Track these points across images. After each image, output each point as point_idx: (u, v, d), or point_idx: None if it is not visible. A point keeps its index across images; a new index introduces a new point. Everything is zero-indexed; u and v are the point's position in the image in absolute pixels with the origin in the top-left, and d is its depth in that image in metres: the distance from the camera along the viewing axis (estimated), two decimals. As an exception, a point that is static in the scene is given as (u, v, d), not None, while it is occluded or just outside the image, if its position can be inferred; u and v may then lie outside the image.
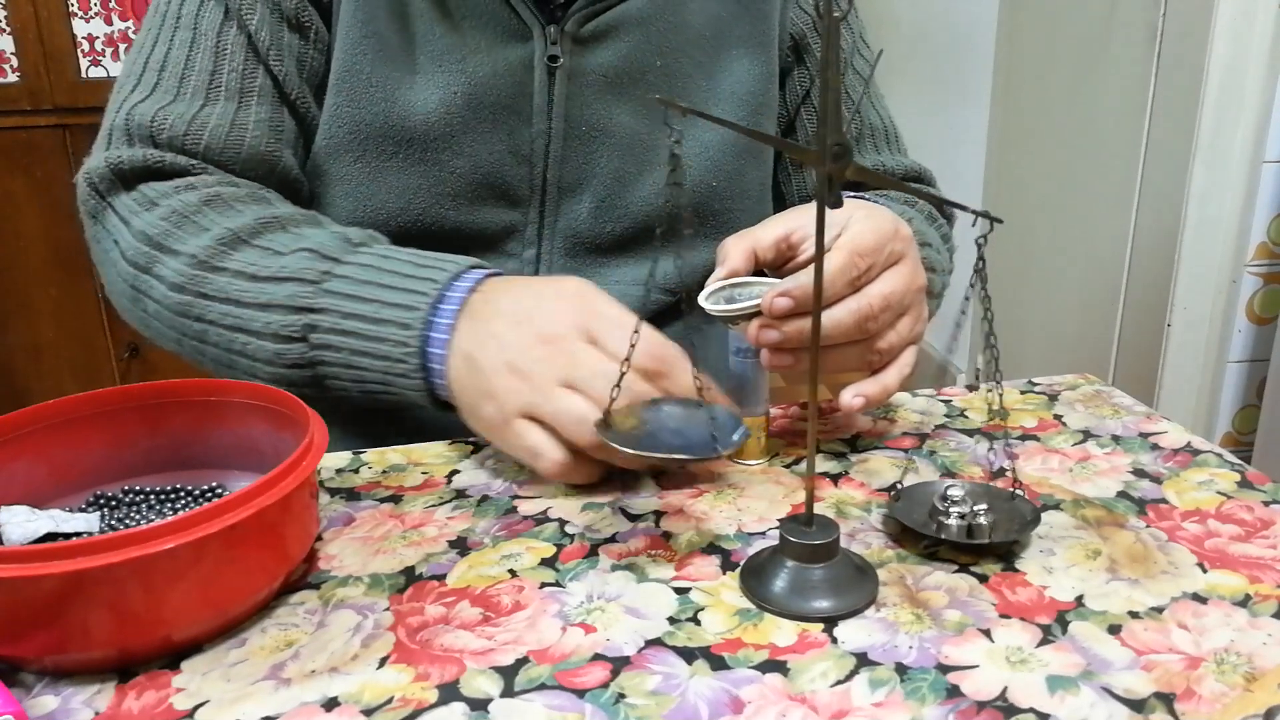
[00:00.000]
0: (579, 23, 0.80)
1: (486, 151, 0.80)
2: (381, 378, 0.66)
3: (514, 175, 0.81)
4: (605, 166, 0.83)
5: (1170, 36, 1.80)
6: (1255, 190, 1.74)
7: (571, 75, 0.80)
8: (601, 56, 0.81)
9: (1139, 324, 1.94)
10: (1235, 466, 0.68)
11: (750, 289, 0.66)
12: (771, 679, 0.48)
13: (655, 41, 0.82)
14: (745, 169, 0.87)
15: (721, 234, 0.86)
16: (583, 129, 0.82)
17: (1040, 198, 2.26)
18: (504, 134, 0.80)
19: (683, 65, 0.83)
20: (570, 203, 0.83)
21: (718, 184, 0.85)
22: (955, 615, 0.52)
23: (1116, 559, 0.57)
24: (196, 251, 0.70)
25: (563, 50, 0.80)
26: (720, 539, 0.60)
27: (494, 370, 0.63)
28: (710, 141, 0.84)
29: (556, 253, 0.84)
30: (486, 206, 0.82)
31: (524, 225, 0.83)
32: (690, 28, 0.83)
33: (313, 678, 0.49)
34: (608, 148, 0.82)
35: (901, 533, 0.60)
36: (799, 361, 0.64)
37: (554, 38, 0.79)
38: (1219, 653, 0.49)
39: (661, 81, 0.82)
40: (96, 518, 0.58)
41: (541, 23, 0.79)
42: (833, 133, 0.48)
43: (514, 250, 0.83)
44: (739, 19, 0.85)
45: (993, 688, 0.47)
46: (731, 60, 0.85)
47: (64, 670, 0.49)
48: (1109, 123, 1.98)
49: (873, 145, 0.94)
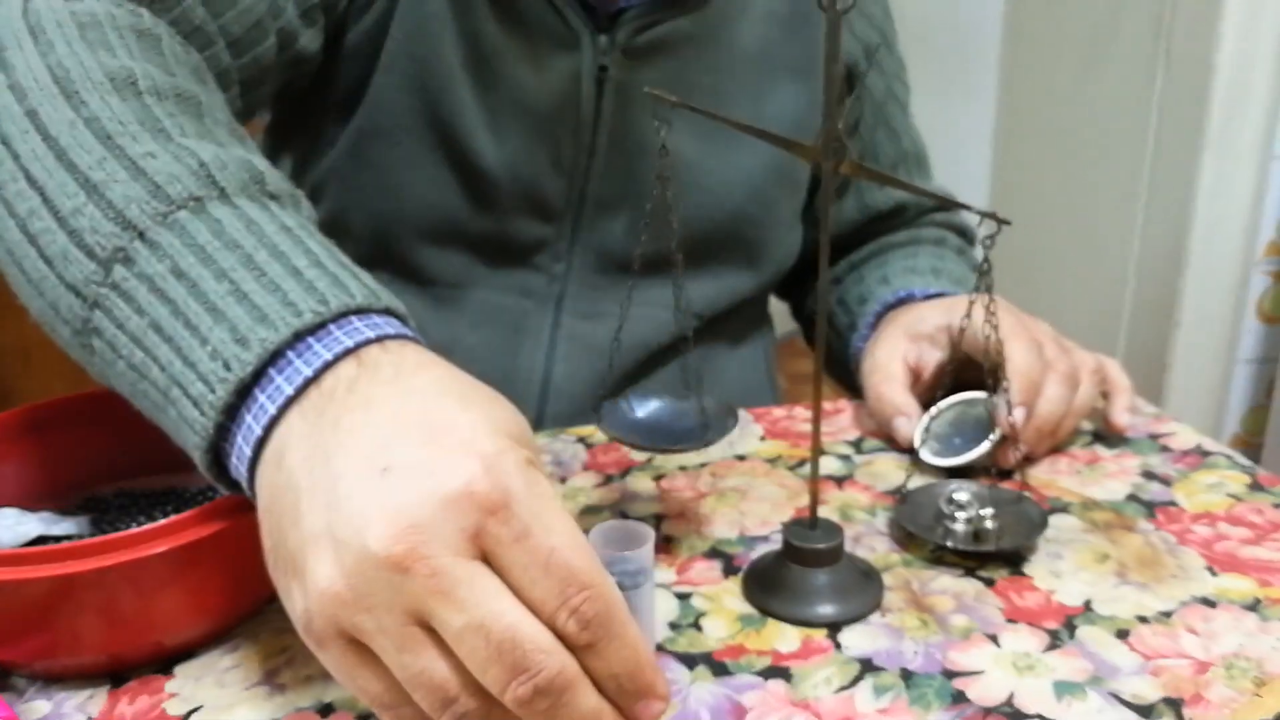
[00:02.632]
0: (630, 34, 0.76)
1: (526, 160, 0.77)
2: (162, 391, 0.44)
3: (551, 187, 0.79)
4: (646, 184, 0.80)
5: (1177, 31, 1.78)
6: (1264, 187, 1.73)
7: (620, 89, 0.78)
8: (650, 72, 0.78)
9: (1147, 323, 1.93)
10: (1246, 468, 0.67)
11: (948, 431, 0.70)
12: (774, 685, 0.47)
13: (704, 60, 0.79)
14: (782, 197, 0.85)
15: (754, 261, 0.86)
16: (627, 145, 0.79)
17: (1046, 196, 2.25)
18: (548, 144, 0.78)
19: (729, 87, 0.81)
20: (605, 219, 0.81)
21: (755, 211, 0.83)
22: (961, 620, 0.52)
23: (1125, 563, 0.56)
24: (70, 65, 0.52)
25: (612, 62, 0.77)
26: (722, 543, 0.59)
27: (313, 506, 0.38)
28: (753, 168, 0.82)
29: (586, 269, 0.81)
30: (520, 217, 0.79)
31: (555, 239, 0.80)
32: (739, 48, 0.81)
33: (307, 683, 0.48)
34: (649, 165, 0.80)
35: (907, 536, 0.59)
36: None
37: (604, 48, 0.77)
38: (1228, 658, 0.49)
39: (709, 101, 0.80)
40: (87, 521, 0.57)
41: (590, 31, 0.76)
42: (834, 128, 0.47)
43: (542, 264, 0.81)
44: (787, 43, 0.83)
45: (999, 693, 0.46)
46: (777, 85, 0.83)
47: (56, 675, 0.49)
48: (1116, 120, 1.97)
49: (905, 171, 0.93)
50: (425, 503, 0.36)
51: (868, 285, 0.85)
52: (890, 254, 0.90)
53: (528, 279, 0.81)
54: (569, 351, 0.80)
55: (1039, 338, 0.69)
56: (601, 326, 0.81)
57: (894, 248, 0.91)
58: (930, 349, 0.73)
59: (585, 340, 0.81)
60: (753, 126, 0.51)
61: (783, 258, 0.89)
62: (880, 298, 0.81)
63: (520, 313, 0.80)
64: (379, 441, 0.38)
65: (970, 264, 0.92)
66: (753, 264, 0.86)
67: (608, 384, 0.58)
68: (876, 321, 0.79)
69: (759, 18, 0.81)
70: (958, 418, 0.69)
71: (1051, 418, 0.67)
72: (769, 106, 0.83)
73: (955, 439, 0.68)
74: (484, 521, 0.36)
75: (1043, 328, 0.72)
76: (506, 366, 0.80)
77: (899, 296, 0.79)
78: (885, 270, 0.86)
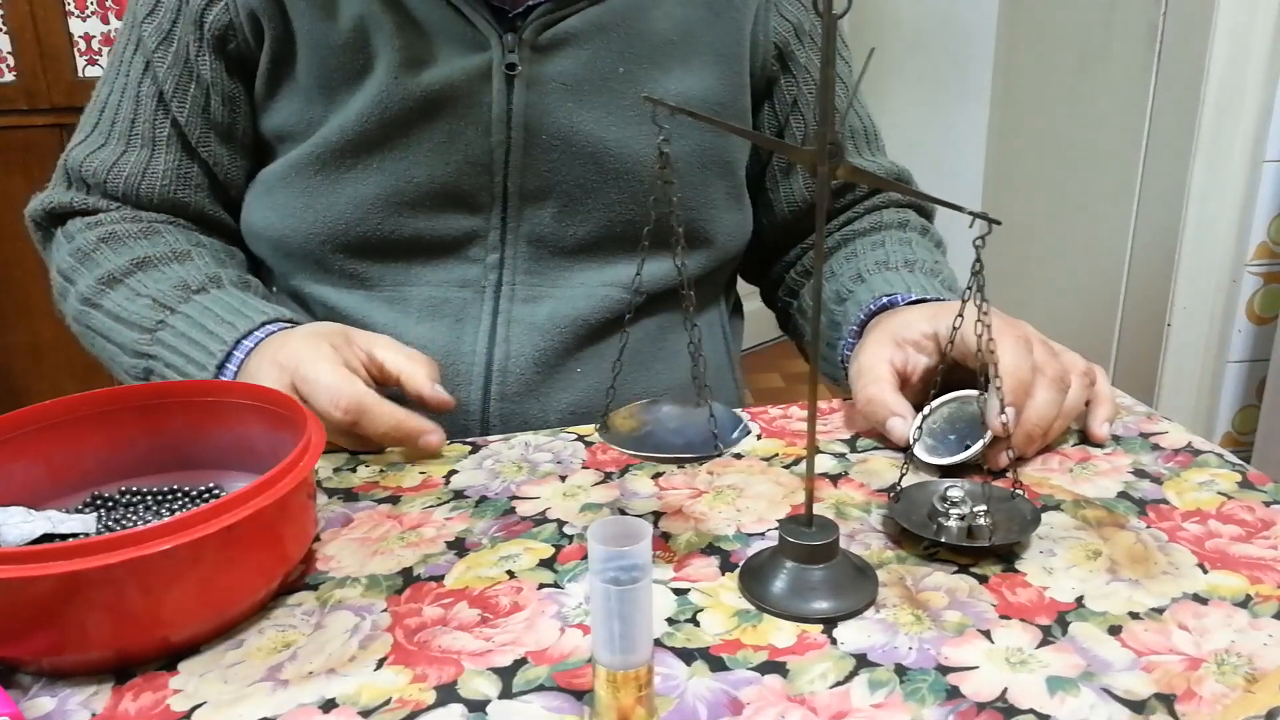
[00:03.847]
0: (537, 30, 0.79)
1: (443, 162, 0.80)
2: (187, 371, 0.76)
3: (473, 184, 0.82)
4: (568, 173, 0.82)
5: (1170, 36, 1.79)
6: (1255, 190, 1.74)
7: (530, 83, 0.80)
8: (561, 64, 0.80)
9: (1139, 324, 1.93)
10: (1236, 467, 0.68)
11: (940, 428, 0.70)
12: (771, 680, 0.48)
13: (617, 48, 0.81)
14: (710, 179, 0.87)
15: (691, 241, 0.87)
16: (543, 137, 0.81)
17: (1040, 198, 2.26)
18: (462, 144, 0.80)
19: (647, 71, 0.82)
20: (533, 209, 0.83)
21: (682, 195, 0.85)
22: (955, 616, 0.52)
23: (1117, 560, 0.57)
24: (84, 290, 0.83)
25: (521, 58, 0.79)
26: (719, 540, 0.60)
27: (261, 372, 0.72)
28: (674, 153, 0.83)
29: (521, 256, 0.84)
30: (447, 214, 0.82)
31: (486, 231, 0.83)
32: (656, 34, 0.82)
33: (310, 679, 0.48)
34: (570, 155, 0.82)
35: (901, 533, 0.60)
36: None
37: (511, 45, 0.79)
38: (1219, 654, 0.49)
39: (625, 88, 0.82)
40: (93, 518, 0.58)
41: (499, 32, 0.79)
42: (830, 131, 0.48)
43: (476, 256, 0.83)
44: (709, 26, 0.84)
45: (993, 689, 0.47)
46: (697, 67, 0.84)
47: (61, 671, 0.49)
48: (1109, 122, 1.98)
49: (853, 146, 0.94)
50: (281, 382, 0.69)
51: (842, 282, 0.86)
52: (858, 245, 0.90)
53: (465, 271, 0.84)
54: (510, 334, 0.83)
55: (1028, 338, 0.70)
56: (541, 308, 0.84)
57: (859, 236, 0.92)
58: (916, 354, 0.73)
59: (525, 322, 0.84)
60: (745, 129, 0.52)
61: (725, 240, 0.90)
62: (860, 300, 0.82)
63: (461, 303, 0.84)
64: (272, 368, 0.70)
65: (935, 242, 0.93)
66: (690, 245, 0.86)
67: (609, 402, 0.58)
68: (861, 329, 0.80)
69: (676, 1, 0.83)
70: (952, 414, 0.70)
71: (1042, 422, 0.67)
72: (690, 89, 0.84)
73: (950, 435, 0.69)
74: None
75: (1030, 330, 0.72)
76: (451, 353, 0.83)
77: (881, 303, 0.80)
78: (858, 265, 0.86)
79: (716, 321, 0.95)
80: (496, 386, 0.82)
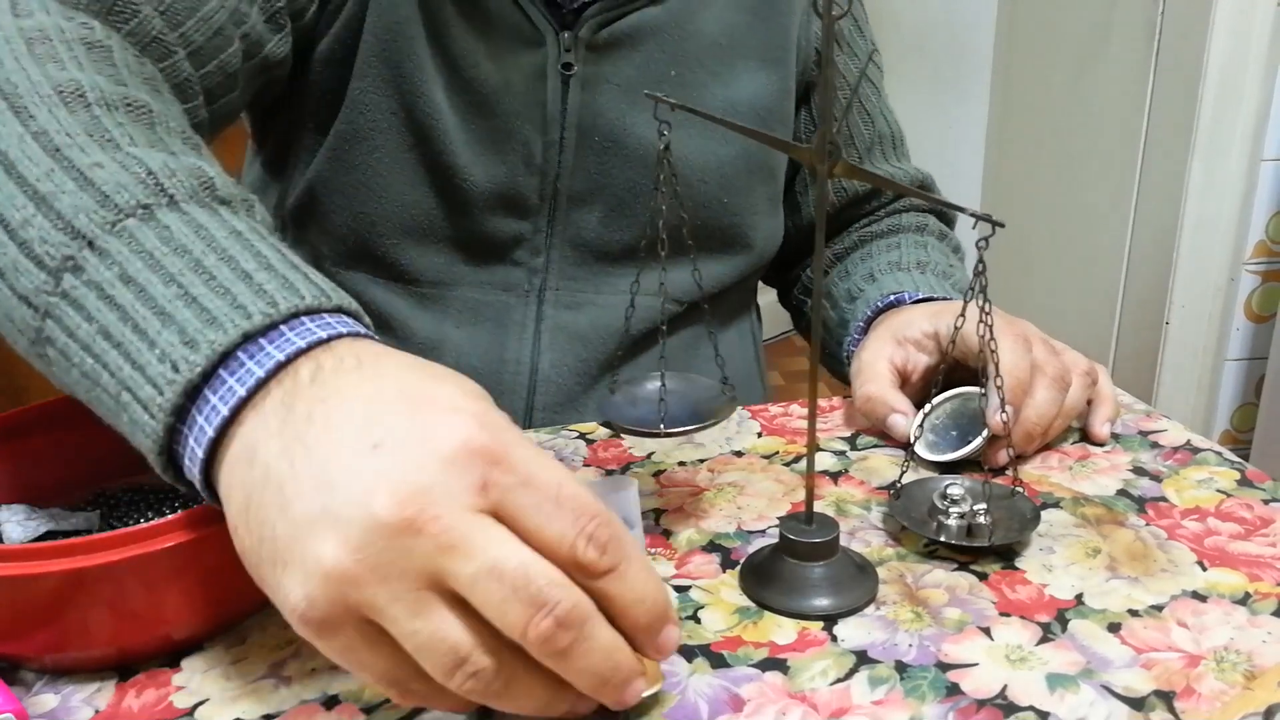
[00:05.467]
0: (593, 29, 0.78)
1: (499, 160, 0.79)
2: (113, 396, 0.44)
3: (525, 185, 0.80)
4: (618, 176, 0.81)
5: (1169, 35, 1.80)
6: (1254, 188, 1.74)
7: (585, 84, 0.79)
8: (615, 64, 0.79)
9: (1138, 322, 1.94)
10: (1235, 464, 0.68)
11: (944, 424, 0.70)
12: (771, 677, 0.48)
13: (670, 50, 0.80)
14: (755, 184, 0.86)
15: (732, 248, 0.87)
16: (595, 139, 0.80)
17: (1039, 197, 2.26)
18: (518, 143, 0.79)
19: (697, 75, 0.82)
20: (580, 212, 0.82)
21: (729, 200, 0.85)
22: (955, 613, 0.52)
23: (1116, 557, 0.57)
24: (17, 80, 0.51)
25: (577, 58, 0.78)
26: (720, 537, 0.60)
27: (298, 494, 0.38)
28: (724, 157, 0.83)
29: (565, 261, 0.82)
30: (496, 216, 0.80)
31: (532, 234, 0.82)
32: (705, 37, 0.82)
33: (313, 675, 0.49)
34: (620, 158, 0.81)
35: (901, 530, 0.60)
36: None
37: (568, 44, 0.78)
38: (1219, 651, 0.49)
39: (676, 91, 0.81)
40: (96, 516, 0.58)
41: (555, 29, 0.77)
42: (829, 131, 0.48)
43: (521, 259, 0.82)
44: (754, 30, 0.84)
45: (992, 686, 0.47)
46: (745, 72, 0.83)
47: (64, 668, 0.49)
48: (1108, 122, 1.98)
49: (881, 153, 0.94)
50: (426, 466, 0.36)
51: (854, 281, 0.86)
52: (873, 246, 0.90)
53: (508, 274, 0.82)
54: (553, 342, 0.82)
55: (1027, 337, 0.70)
56: (584, 315, 0.83)
57: (876, 239, 0.92)
58: (917, 353, 0.73)
59: (569, 330, 0.82)
60: (752, 129, 0.52)
61: (763, 244, 0.90)
62: (869, 298, 0.82)
63: (503, 307, 0.82)
64: (361, 421, 0.38)
65: (952, 247, 0.93)
66: (731, 251, 0.87)
67: (614, 369, 0.58)
68: (867, 326, 0.80)
69: (726, 5, 0.83)
70: (954, 411, 0.70)
71: (1041, 420, 0.67)
72: (738, 94, 0.83)
73: (952, 431, 0.69)
74: (488, 472, 0.37)
75: (1031, 329, 0.73)
76: (494, 361, 0.81)
77: (888, 301, 0.80)
78: (871, 265, 0.87)
79: (747, 327, 0.95)
80: (540, 397, 0.81)
